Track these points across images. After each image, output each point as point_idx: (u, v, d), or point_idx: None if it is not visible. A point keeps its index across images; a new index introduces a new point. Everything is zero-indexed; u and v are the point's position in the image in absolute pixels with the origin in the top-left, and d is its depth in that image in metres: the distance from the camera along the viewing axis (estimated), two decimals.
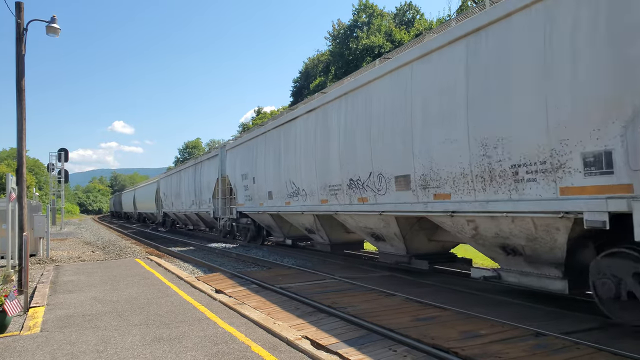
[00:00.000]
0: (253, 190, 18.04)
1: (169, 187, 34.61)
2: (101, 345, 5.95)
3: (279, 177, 15.56)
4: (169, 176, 35.91)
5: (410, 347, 5.68)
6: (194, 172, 28.29)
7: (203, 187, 25.95)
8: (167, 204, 34.91)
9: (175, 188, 32.56)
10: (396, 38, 42.06)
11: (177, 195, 31.65)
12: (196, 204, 27.22)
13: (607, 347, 5.28)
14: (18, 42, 10.60)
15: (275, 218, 16.92)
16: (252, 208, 18.41)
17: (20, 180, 10.55)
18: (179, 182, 31.52)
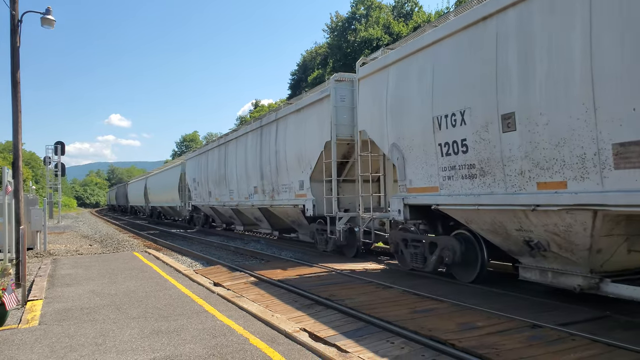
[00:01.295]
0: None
1: (203, 170, 24.76)
2: (100, 338, 5.97)
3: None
4: (202, 154, 25.30)
5: (407, 339, 5.72)
6: (259, 141, 17.59)
7: (285, 161, 15.43)
8: (199, 193, 25.61)
9: (215, 170, 22.63)
10: (394, 30, 41.92)
11: (219, 180, 21.98)
12: (264, 193, 17.15)
13: (601, 339, 5.32)
14: (13, 34, 10.52)
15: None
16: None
17: (16, 174, 10.52)
18: (223, 161, 21.59)
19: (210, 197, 23.54)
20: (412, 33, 10.75)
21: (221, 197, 21.96)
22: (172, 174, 33.65)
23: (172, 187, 32.58)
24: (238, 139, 19.91)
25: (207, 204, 24.30)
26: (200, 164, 25.43)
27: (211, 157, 23.59)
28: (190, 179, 27.65)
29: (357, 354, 5.19)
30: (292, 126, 15.15)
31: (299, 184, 14.63)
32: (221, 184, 21.77)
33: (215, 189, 22.63)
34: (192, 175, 27.11)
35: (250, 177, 18.29)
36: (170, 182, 33.12)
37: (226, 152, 21.41)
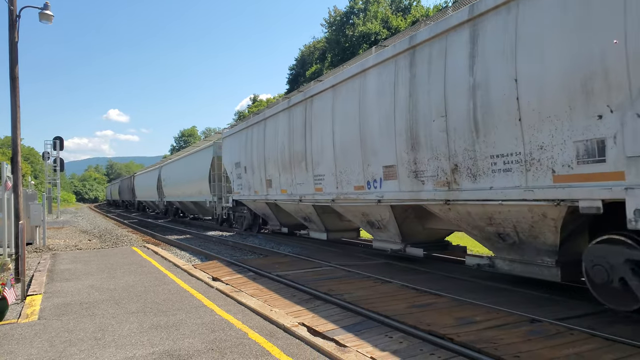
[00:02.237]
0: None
1: (255, 149, 17.14)
2: (99, 332, 5.98)
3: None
4: (254, 126, 17.47)
5: (406, 333, 5.73)
6: (406, 78, 9.12)
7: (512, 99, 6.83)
8: (245, 183, 18.40)
9: (283, 146, 14.89)
10: (393, 25, 41.82)
11: (292, 161, 14.35)
12: (419, 176, 9.01)
13: (600, 333, 5.35)
14: (11, 29, 10.48)
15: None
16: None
17: (15, 169, 10.51)
18: (300, 130, 13.76)
19: (270, 187, 15.91)
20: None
21: (294, 188, 14.26)
22: (198, 159, 25.68)
23: (198, 176, 25.02)
24: (339, 87, 11.63)
25: (262, 198, 16.69)
26: (249, 142, 17.70)
27: (273, 128, 15.63)
28: (229, 164, 20.41)
29: (356, 348, 5.20)
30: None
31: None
32: (296, 166, 13.93)
33: (282, 175, 14.95)
34: (234, 159, 19.61)
35: (375, 151, 10.22)
36: (196, 170, 25.59)
37: (309, 113, 13.07)
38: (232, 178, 20.06)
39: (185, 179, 28.03)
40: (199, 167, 25.14)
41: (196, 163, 26.05)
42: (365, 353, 5.05)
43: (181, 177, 29.27)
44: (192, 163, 27.12)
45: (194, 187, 26.27)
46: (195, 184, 25.87)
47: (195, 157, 26.77)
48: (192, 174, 26.47)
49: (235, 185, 19.77)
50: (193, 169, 26.45)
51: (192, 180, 26.48)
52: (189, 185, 27.23)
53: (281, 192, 15.17)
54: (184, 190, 29.03)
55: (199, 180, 24.89)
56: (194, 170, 26.12)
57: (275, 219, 17.59)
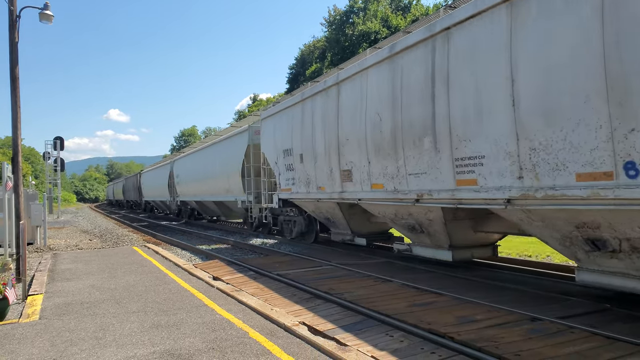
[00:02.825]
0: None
1: (316, 131, 12.73)
2: (100, 332, 5.99)
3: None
4: (313, 97, 12.85)
5: (406, 332, 5.74)
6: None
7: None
8: (298, 179, 14.07)
9: (372, 123, 10.15)
10: (392, 24, 41.81)
11: (383, 141, 9.80)
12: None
13: (600, 331, 5.35)
14: (11, 29, 10.49)
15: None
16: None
17: (16, 169, 10.52)
18: (391, 101, 9.48)
19: (349, 181, 11.35)
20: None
21: (400, 181, 9.46)
22: (227, 149, 20.98)
23: (226, 171, 20.71)
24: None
25: (331, 196, 12.22)
26: (307, 119, 13.11)
27: (354, 93, 10.85)
28: (273, 153, 15.59)
29: (356, 347, 5.21)
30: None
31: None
32: (410, 146, 9.06)
33: (375, 162, 10.19)
34: (281, 145, 14.84)
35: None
36: (223, 163, 21.13)
37: (442, 56, 8.17)
38: (278, 171, 15.23)
39: (206, 174, 23.56)
40: (228, 158, 20.41)
41: (223, 154, 21.35)
42: (366, 352, 5.06)
43: (200, 172, 24.75)
44: (217, 154, 22.24)
45: (218, 183, 21.80)
46: (220, 180, 21.44)
47: (223, 147, 21.68)
48: (217, 168, 21.87)
49: (282, 181, 15.01)
50: (218, 162, 21.82)
51: (216, 176, 22.07)
52: (212, 182, 22.72)
53: (372, 188, 10.28)
54: (204, 188, 24.29)
55: (227, 175, 20.43)
56: (220, 164, 21.50)
57: (346, 226, 12.82)
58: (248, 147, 18.29)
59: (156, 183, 36.91)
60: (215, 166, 22.38)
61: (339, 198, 11.88)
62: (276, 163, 15.37)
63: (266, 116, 16.28)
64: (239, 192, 19.35)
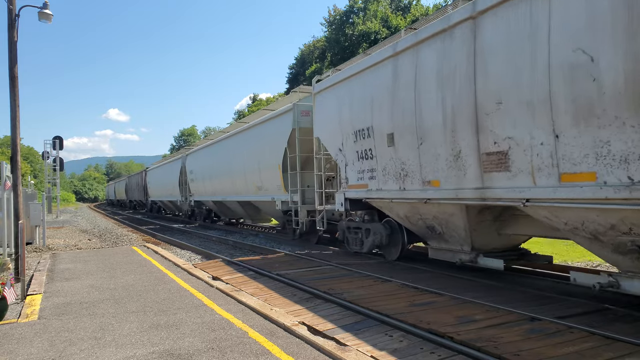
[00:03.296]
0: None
1: (408, 104, 9.00)
2: (99, 332, 5.98)
3: None
4: (391, 59, 9.39)
5: (406, 332, 5.73)
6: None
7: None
8: (390, 167, 9.79)
9: (519, 69, 6.67)
10: (392, 24, 41.82)
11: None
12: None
13: (600, 331, 5.35)
14: (10, 28, 10.48)
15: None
16: None
17: (15, 168, 10.51)
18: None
19: (522, 170, 6.89)
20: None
21: (623, 170, 5.55)
22: (258, 137, 17.38)
23: (255, 165, 17.40)
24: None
25: (451, 196, 8.39)
26: (393, 87, 9.50)
27: (505, 30, 6.95)
28: (336, 137, 11.75)
29: (356, 347, 5.20)
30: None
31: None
32: (624, 111, 5.48)
33: (566, 138, 6.20)
34: (350, 125, 11.07)
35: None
36: (256, 153, 17.43)
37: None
38: (344, 161, 11.45)
39: (230, 169, 20.13)
40: (263, 148, 16.71)
41: (255, 143, 17.56)
42: (366, 352, 5.05)
43: (221, 167, 21.26)
44: (246, 144, 18.43)
45: (247, 180, 18.38)
46: (250, 175, 18.01)
47: (255, 135, 17.67)
48: (245, 160, 18.40)
49: (351, 174, 11.26)
50: (248, 153, 18.20)
51: (243, 171, 18.57)
52: (238, 178, 19.28)
53: (562, 181, 6.30)
54: (226, 186, 20.99)
55: (260, 169, 17.03)
56: (251, 155, 17.86)
57: (466, 239, 8.81)
58: (292, 131, 14.49)
59: (164, 181, 33.43)
60: (242, 159, 18.62)
61: (477, 198, 7.75)
62: (340, 150, 11.58)
63: (323, 88, 12.22)
64: (277, 190, 15.72)
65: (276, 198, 15.96)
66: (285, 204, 15.43)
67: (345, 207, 11.66)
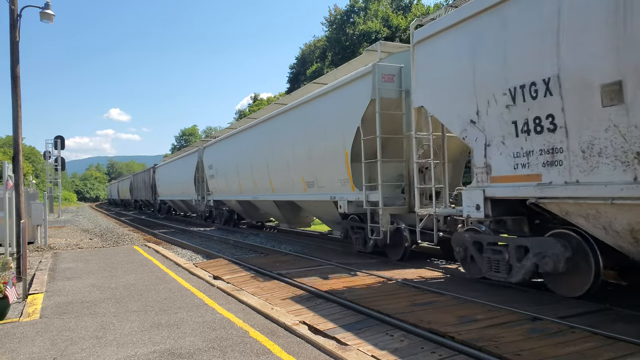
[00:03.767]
0: None
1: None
2: (100, 331, 5.99)
3: None
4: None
5: (407, 331, 5.73)
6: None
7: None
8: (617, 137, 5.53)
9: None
10: (393, 24, 41.80)
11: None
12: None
13: (601, 331, 5.34)
14: (12, 28, 10.49)
15: None
16: None
17: (16, 168, 10.52)
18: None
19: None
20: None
21: None
22: (307, 117, 13.48)
23: (300, 155, 13.76)
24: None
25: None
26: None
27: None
28: (467, 105, 7.84)
29: (357, 346, 5.21)
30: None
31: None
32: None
33: None
34: (509, 78, 6.99)
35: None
36: (293, 143, 14.23)
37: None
38: (483, 139, 7.70)
39: (266, 160, 16.09)
40: (323, 128, 12.44)
41: (308, 123, 13.29)
42: (366, 351, 5.05)
43: (252, 159, 17.40)
44: (289, 128, 14.49)
45: (288, 174, 14.48)
46: (293, 169, 14.16)
47: (307, 113, 13.38)
48: (285, 151, 14.61)
49: (500, 159, 7.46)
50: (290, 141, 14.29)
51: (284, 163, 14.73)
52: (275, 173, 15.59)
53: None
54: (258, 182, 17.07)
55: (315, 158, 12.92)
56: (295, 142, 13.95)
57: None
58: (371, 104, 10.39)
59: (176, 179, 29.86)
60: (285, 147, 14.66)
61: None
62: (473, 123, 7.77)
63: (436, 32, 8.46)
64: (339, 187, 11.92)
65: (339, 197, 11.96)
66: (353, 205, 11.59)
67: (486, 212, 7.72)
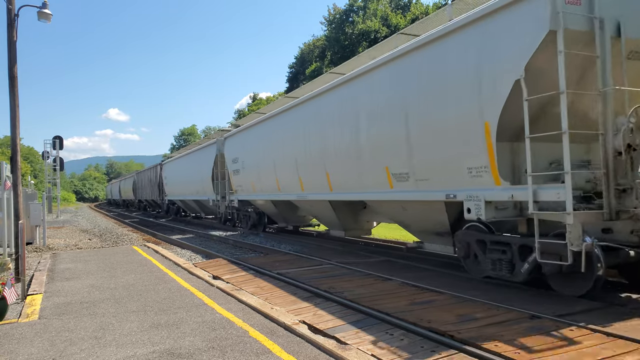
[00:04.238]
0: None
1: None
2: (99, 331, 5.98)
3: None
4: None
5: (406, 330, 5.73)
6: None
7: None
8: None
9: None
10: (392, 23, 41.79)
11: None
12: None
13: (600, 329, 5.35)
14: (9, 28, 10.47)
15: None
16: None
17: (14, 168, 10.50)
18: None
19: None
20: None
21: None
22: (429, 63, 8.32)
23: (402, 135, 9.02)
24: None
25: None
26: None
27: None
28: None
29: (357, 345, 5.20)
30: None
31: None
32: None
33: None
34: None
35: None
36: (395, 115, 9.22)
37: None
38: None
39: (325, 147, 12.08)
40: (446, 87, 7.99)
41: (422, 83, 8.56)
42: (366, 350, 5.05)
43: (300, 147, 13.41)
44: (366, 96, 10.22)
45: (371, 162, 10.29)
46: (375, 153, 10.11)
47: (418, 63, 8.67)
48: (370, 127, 10.20)
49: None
50: (377, 112, 9.90)
51: (357, 146, 10.63)
52: (341, 163, 11.44)
53: None
54: (315, 178, 12.86)
55: (421, 137, 8.75)
56: (394, 114, 9.34)
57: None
58: (545, 40, 6.21)
59: (188, 176, 26.29)
60: (345, 131, 10.96)
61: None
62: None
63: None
64: (469, 180, 7.90)
65: (464, 195, 7.92)
66: (493, 209, 7.59)
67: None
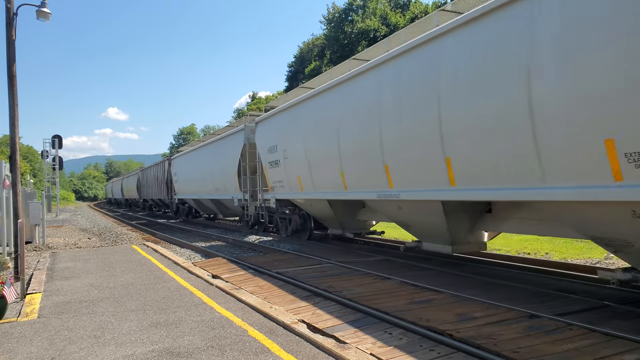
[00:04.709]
0: None
1: None
2: (98, 330, 5.98)
3: None
4: None
5: (405, 329, 5.74)
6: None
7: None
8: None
9: None
10: (392, 22, 41.77)
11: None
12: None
13: (599, 328, 5.36)
14: (8, 27, 10.45)
15: None
16: None
17: (14, 167, 10.49)
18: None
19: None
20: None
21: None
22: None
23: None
24: None
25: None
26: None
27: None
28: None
29: (356, 344, 5.21)
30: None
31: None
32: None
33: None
34: None
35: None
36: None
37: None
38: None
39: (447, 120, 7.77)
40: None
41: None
42: (365, 349, 5.06)
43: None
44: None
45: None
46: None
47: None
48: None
49: None
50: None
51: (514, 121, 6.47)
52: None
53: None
54: (428, 168, 8.47)
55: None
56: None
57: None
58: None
59: (204, 172, 22.91)
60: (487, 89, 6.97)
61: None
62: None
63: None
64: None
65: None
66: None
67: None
